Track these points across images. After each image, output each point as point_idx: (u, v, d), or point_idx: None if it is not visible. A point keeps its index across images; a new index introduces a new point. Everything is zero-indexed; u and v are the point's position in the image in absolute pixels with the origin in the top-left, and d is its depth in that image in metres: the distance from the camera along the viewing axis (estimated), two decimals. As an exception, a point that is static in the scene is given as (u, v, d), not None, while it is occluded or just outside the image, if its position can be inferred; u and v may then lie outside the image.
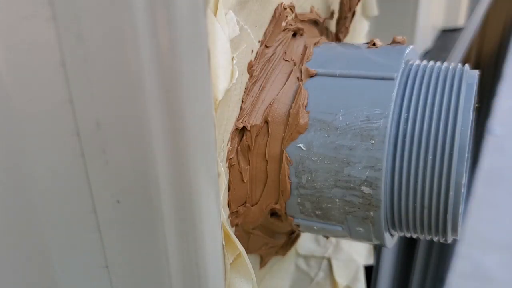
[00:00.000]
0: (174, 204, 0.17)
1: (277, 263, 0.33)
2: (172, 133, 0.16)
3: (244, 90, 0.25)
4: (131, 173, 0.16)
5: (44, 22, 0.14)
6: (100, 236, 0.18)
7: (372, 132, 0.23)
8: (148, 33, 0.14)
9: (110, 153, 0.16)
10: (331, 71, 0.25)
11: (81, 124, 0.16)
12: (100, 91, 0.15)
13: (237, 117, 0.24)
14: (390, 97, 0.24)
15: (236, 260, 0.23)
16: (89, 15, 0.14)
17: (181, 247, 0.18)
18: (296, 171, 0.25)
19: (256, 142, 0.25)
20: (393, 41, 0.27)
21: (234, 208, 0.26)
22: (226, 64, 0.21)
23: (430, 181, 0.23)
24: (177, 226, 0.18)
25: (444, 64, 0.26)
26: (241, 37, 0.23)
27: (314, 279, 0.36)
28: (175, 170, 0.17)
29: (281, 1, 0.26)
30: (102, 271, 0.19)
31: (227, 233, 0.22)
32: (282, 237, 0.31)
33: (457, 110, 0.23)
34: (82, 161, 0.17)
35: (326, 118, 0.24)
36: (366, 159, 0.23)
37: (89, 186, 0.17)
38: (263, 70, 0.26)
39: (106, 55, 0.15)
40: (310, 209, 0.26)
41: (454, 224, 0.24)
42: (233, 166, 0.25)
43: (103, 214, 0.18)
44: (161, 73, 0.15)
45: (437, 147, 0.23)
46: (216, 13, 0.20)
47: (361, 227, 0.25)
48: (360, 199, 0.24)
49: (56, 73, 0.15)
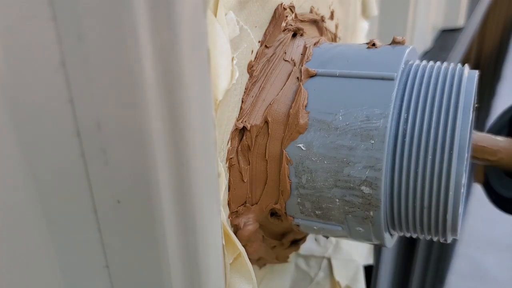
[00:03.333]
0: (174, 204, 0.17)
1: (277, 263, 0.33)
2: (172, 133, 0.16)
3: (244, 90, 0.25)
4: (131, 173, 0.16)
5: (44, 22, 0.14)
6: (100, 236, 0.18)
7: (372, 132, 0.23)
8: (148, 33, 0.14)
9: (110, 153, 0.16)
10: (331, 71, 0.25)
11: (81, 125, 0.16)
12: (100, 91, 0.15)
13: (237, 117, 0.24)
14: (390, 97, 0.24)
15: (236, 260, 0.23)
16: (89, 15, 0.14)
17: (181, 247, 0.18)
18: (296, 171, 0.25)
19: (256, 142, 0.25)
20: (393, 41, 0.27)
21: (234, 208, 0.26)
22: (226, 64, 0.21)
23: (430, 181, 0.23)
24: (177, 226, 0.18)
25: (444, 64, 0.26)
26: (241, 37, 0.23)
27: (314, 279, 0.36)
28: (175, 170, 0.17)
29: (281, 2, 0.26)
30: (102, 271, 0.19)
31: (227, 233, 0.22)
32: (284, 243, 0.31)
33: (457, 110, 0.23)
34: (82, 161, 0.17)
35: (326, 118, 0.24)
36: (366, 159, 0.23)
37: (89, 186, 0.17)
38: (263, 70, 0.26)
39: (106, 55, 0.15)
40: (310, 209, 0.26)
41: (454, 224, 0.24)
42: (233, 166, 0.25)
43: (103, 214, 0.18)
44: (161, 73, 0.15)
45: (436, 147, 0.23)
46: (216, 13, 0.20)
47: (361, 227, 0.25)
48: (360, 199, 0.24)
49: (56, 73, 0.15)
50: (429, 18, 0.61)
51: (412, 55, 0.27)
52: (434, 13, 0.64)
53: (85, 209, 0.17)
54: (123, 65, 0.15)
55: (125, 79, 0.15)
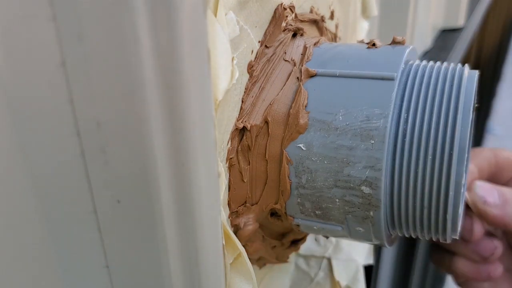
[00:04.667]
0: (174, 204, 0.17)
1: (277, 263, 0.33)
2: (172, 133, 0.16)
3: (244, 90, 0.25)
4: (131, 173, 0.16)
5: (44, 22, 0.14)
6: (100, 236, 0.18)
7: (372, 132, 0.23)
8: (148, 33, 0.14)
9: (110, 153, 0.16)
10: (331, 71, 0.25)
11: (81, 124, 0.16)
12: (100, 91, 0.15)
13: (237, 117, 0.24)
14: (390, 97, 0.24)
15: (236, 260, 0.23)
16: (89, 15, 0.14)
17: (181, 247, 0.18)
18: (296, 171, 0.25)
19: (256, 142, 0.25)
20: (393, 41, 0.27)
21: (234, 208, 0.26)
22: (226, 64, 0.21)
23: (430, 181, 0.23)
24: (177, 226, 0.18)
25: (444, 64, 0.26)
26: (241, 37, 0.23)
27: (314, 279, 0.36)
28: (175, 170, 0.17)
29: (281, 2, 0.26)
30: (102, 271, 0.19)
31: (227, 233, 0.22)
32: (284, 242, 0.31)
33: (457, 110, 0.23)
34: (82, 161, 0.17)
35: (326, 118, 0.24)
36: (366, 159, 0.23)
37: (89, 186, 0.17)
38: (263, 70, 0.26)
39: (106, 55, 0.15)
40: (310, 209, 0.26)
41: (454, 224, 0.24)
42: (233, 166, 0.25)
43: (103, 214, 0.18)
44: (161, 73, 0.15)
45: (436, 147, 0.23)
46: (216, 13, 0.20)
47: (361, 227, 0.25)
48: (360, 199, 0.24)
49: (56, 73, 0.15)
50: (429, 18, 0.61)
51: (412, 55, 0.27)
52: (434, 13, 0.64)
53: (85, 209, 0.17)
54: (123, 65, 0.15)
55: (125, 79, 0.15)
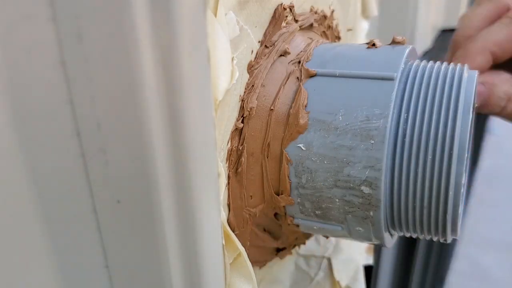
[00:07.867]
0: (174, 204, 0.17)
1: (277, 263, 0.33)
2: (172, 133, 0.16)
3: (244, 90, 0.25)
4: (131, 173, 0.16)
5: (44, 22, 0.14)
6: (100, 236, 0.18)
7: (371, 132, 0.23)
8: (148, 33, 0.14)
9: (110, 153, 0.16)
10: (331, 71, 0.25)
11: (81, 125, 0.16)
12: (100, 92, 0.15)
13: (237, 117, 0.24)
14: (390, 97, 0.24)
15: (236, 260, 0.23)
16: (89, 15, 0.14)
17: (181, 247, 0.18)
18: (296, 171, 0.25)
19: (256, 143, 0.25)
20: (393, 41, 0.27)
21: (234, 208, 0.26)
22: (226, 64, 0.21)
23: (430, 181, 0.23)
24: (177, 226, 0.18)
25: (443, 64, 0.26)
26: (241, 37, 0.23)
27: (314, 279, 0.36)
28: (175, 170, 0.17)
29: (281, 2, 0.26)
30: (102, 271, 0.19)
31: (227, 233, 0.22)
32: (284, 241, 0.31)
33: (457, 110, 0.23)
34: (82, 161, 0.17)
35: (326, 118, 0.24)
36: (366, 159, 0.23)
37: (89, 186, 0.17)
38: (263, 70, 0.26)
39: (106, 55, 0.15)
40: (310, 209, 0.26)
41: (454, 224, 0.24)
42: (233, 166, 0.25)
43: (103, 214, 0.18)
44: (161, 73, 0.15)
45: (436, 147, 0.23)
46: (216, 13, 0.20)
47: (361, 227, 0.25)
48: (360, 199, 0.24)
49: (56, 73, 0.15)
50: (429, 18, 0.61)
51: (412, 55, 0.27)
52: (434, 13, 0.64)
53: (85, 209, 0.17)
54: (123, 65, 0.15)
55: (125, 79, 0.15)
